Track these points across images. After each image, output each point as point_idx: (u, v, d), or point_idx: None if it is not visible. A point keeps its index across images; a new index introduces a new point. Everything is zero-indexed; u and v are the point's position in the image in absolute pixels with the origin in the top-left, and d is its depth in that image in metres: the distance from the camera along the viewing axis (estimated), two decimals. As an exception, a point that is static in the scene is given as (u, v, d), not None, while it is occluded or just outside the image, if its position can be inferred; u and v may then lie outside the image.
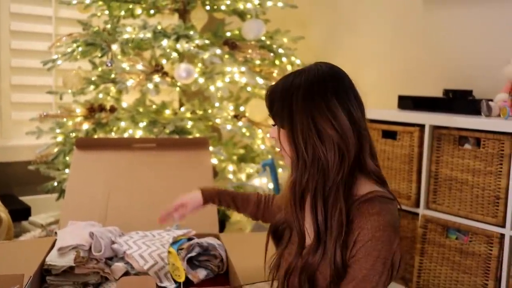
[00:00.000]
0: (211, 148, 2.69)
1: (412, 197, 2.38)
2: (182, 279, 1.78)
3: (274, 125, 1.27)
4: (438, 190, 2.30)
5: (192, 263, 1.86)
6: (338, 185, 1.17)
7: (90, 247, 1.75)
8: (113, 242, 1.83)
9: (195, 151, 2.43)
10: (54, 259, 1.69)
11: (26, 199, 3.37)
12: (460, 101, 2.40)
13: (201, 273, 1.84)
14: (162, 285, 1.74)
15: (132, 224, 2.05)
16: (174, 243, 1.94)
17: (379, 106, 2.80)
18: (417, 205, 2.38)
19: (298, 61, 2.95)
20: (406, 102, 2.59)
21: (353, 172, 1.20)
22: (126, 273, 1.77)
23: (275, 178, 2.68)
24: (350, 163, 1.18)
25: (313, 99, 1.18)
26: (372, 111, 2.61)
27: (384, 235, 1.13)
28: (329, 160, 1.17)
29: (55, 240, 1.85)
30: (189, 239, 2.04)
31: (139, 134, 2.71)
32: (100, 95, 2.91)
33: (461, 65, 2.69)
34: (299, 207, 1.22)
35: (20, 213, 3.22)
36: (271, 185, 2.74)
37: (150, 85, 2.69)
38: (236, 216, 2.84)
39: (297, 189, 1.21)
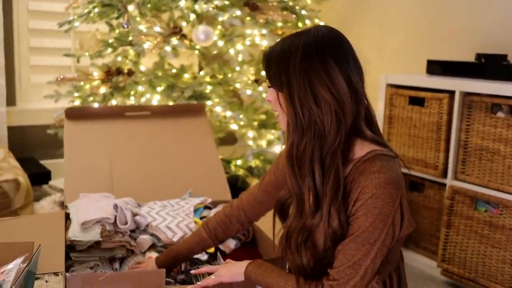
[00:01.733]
0: (230, 113, 2.61)
1: (440, 167, 2.29)
2: (212, 249, 1.74)
3: (270, 87, 1.23)
4: (467, 160, 2.20)
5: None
6: (335, 149, 1.14)
7: (115, 220, 1.70)
8: (135, 214, 1.78)
9: (192, 118, 2.36)
10: (78, 235, 1.65)
11: (46, 162, 3.36)
12: (493, 66, 2.27)
13: (231, 243, 1.81)
14: (194, 256, 1.69)
15: (142, 195, 2.01)
16: (194, 211, 1.89)
17: (406, 71, 2.68)
18: (444, 175, 2.29)
19: (321, 23, 2.82)
20: (435, 67, 2.46)
21: (350, 137, 1.17)
22: (153, 246, 1.73)
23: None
24: (347, 128, 1.15)
25: (311, 62, 1.14)
26: (399, 77, 2.49)
27: (385, 192, 1.10)
28: (326, 125, 1.13)
29: (68, 214, 1.81)
30: (206, 207, 1.99)
31: (156, 98, 2.65)
32: (119, 58, 2.83)
33: (495, 28, 2.53)
34: (297, 171, 1.18)
35: (40, 177, 3.21)
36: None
37: (168, 48, 2.60)
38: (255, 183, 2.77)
39: (294, 153, 1.18)
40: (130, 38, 2.73)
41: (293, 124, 1.17)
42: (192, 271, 1.60)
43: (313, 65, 1.13)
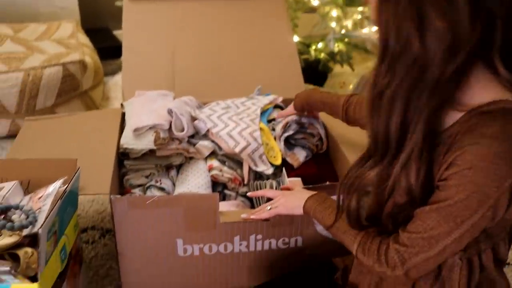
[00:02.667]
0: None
1: None
2: (278, 162, 1.56)
3: None
4: None
5: (288, 142, 1.61)
6: (436, 86, 0.80)
7: (170, 126, 1.53)
8: (194, 119, 1.60)
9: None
10: (131, 142, 1.49)
11: (120, 33, 3.20)
12: None
13: (301, 155, 1.60)
14: (258, 169, 1.54)
15: (205, 92, 1.81)
16: (262, 114, 1.68)
17: None
18: None
19: None
20: None
21: (471, 70, 0.82)
22: (214, 153, 1.56)
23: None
24: (462, 62, 0.79)
25: None
26: None
27: (492, 168, 0.78)
28: (429, 57, 0.79)
29: (123, 114, 1.66)
30: (276, 106, 1.76)
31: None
32: None
33: None
34: (376, 106, 0.87)
35: (114, 50, 3.08)
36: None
37: None
38: (338, 68, 2.47)
39: (377, 86, 0.85)
40: None
41: (382, 46, 0.84)
42: (249, 194, 1.44)
43: None
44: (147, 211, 1.29)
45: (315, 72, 2.43)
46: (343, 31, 2.22)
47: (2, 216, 1.10)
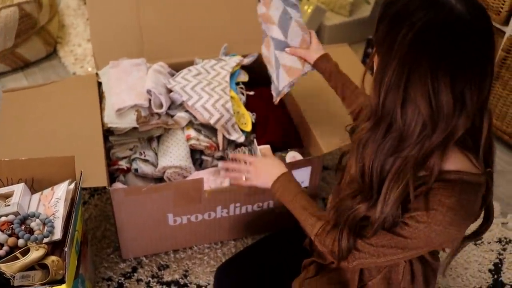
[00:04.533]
0: None
1: (503, 14, 2.03)
2: (248, 128, 1.73)
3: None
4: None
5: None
6: (408, 160, 0.96)
7: (150, 104, 1.65)
8: (169, 91, 1.71)
9: None
10: (114, 121, 1.62)
11: None
12: None
13: None
14: (232, 137, 1.70)
15: (174, 52, 1.89)
16: (231, 78, 1.81)
17: None
18: (506, 23, 2.05)
19: None
20: None
21: (446, 145, 0.96)
22: (190, 122, 1.71)
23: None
24: (433, 144, 0.94)
25: (421, 54, 0.88)
26: None
27: (444, 232, 0.97)
28: (406, 130, 0.93)
29: (100, 84, 1.75)
30: (243, 67, 1.89)
31: None
32: None
33: None
34: (360, 154, 1.03)
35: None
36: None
37: None
38: None
39: (362, 139, 1.01)
40: None
41: (373, 106, 0.97)
42: (231, 155, 1.62)
43: (421, 59, 0.88)
44: (142, 197, 1.48)
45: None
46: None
47: (23, 227, 1.27)
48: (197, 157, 1.74)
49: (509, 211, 1.95)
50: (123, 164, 1.66)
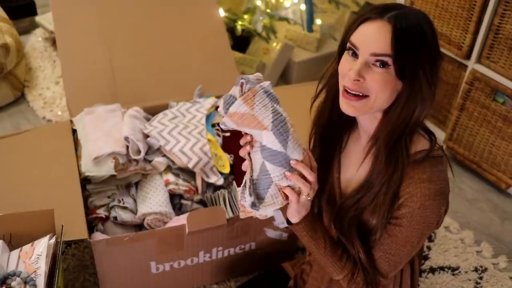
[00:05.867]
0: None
1: (464, 48, 2.13)
2: (227, 170, 1.74)
3: (381, 65, 1.02)
4: (495, 47, 2.03)
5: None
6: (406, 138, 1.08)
7: (127, 151, 1.65)
8: (146, 136, 1.71)
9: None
10: (92, 169, 1.60)
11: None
12: None
13: None
14: (210, 180, 1.70)
15: (148, 96, 1.89)
16: (207, 120, 1.82)
17: None
18: (467, 57, 2.14)
19: None
20: None
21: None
22: (168, 167, 1.71)
23: (310, 9, 2.34)
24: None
25: (437, 52, 1.05)
26: None
27: (434, 204, 1.07)
28: (414, 117, 1.06)
29: (75, 131, 1.73)
30: (218, 107, 1.90)
31: None
32: None
33: None
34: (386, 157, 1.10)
35: (25, 9, 2.93)
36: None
37: None
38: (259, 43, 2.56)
39: (390, 137, 1.08)
40: None
41: (388, 109, 1.07)
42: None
43: (437, 63, 1.04)
44: (124, 246, 1.46)
45: (237, 38, 2.52)
46: (268, 10, 2.31)
47: (4, 287, 1.23)
48: (176, 201, 1.74)
49: (483, 239, 2.00)
50: (102, 212, 1.64)
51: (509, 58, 2.00)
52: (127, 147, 1.65)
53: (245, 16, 2.39)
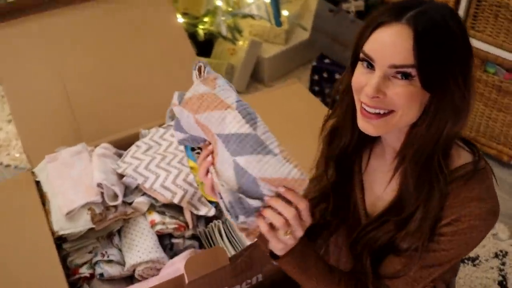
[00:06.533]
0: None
1: None
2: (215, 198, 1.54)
3: (403, 77, 0.85)
4: (480, 16, 1.90)
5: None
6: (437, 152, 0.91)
7: (103, 198, 1.45)
8: (121, 176, 1.51)
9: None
10: (66, 226, 1.40)
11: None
12: None
13: None
14: (200, 213, 1.52)
15: (114, 127, 1.69)
16: (185, 145, 1.62)
17: None
18: None
19: None
20: None
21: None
22: (151, 205, 1.51)
23: (275, 1, 2.15)
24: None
25: (469, 52, 0.88)
26: None
27: (483, 224, 0.92)
28: (446, 132, 0.89)
29: (38, 182, 1.52)
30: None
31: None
32: None
33: None
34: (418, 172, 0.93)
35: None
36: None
37: None
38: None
39: (420, 154, 0.91)
40: None
41: (414, 127, 0.91)
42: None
43: (470, 64, 0.88)
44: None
45: (199, 43, 2.33)
46: (230, 9, 2.12)
47: None
48: (166, 242, 1.55)
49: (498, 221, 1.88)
50: (85, 271, 1.44)
51: (496, 25, 1.87)
52: (102, 193, 1.45)
53: (205, 19, 2.19)
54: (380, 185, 1.05)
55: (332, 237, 1.18)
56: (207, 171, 0.91)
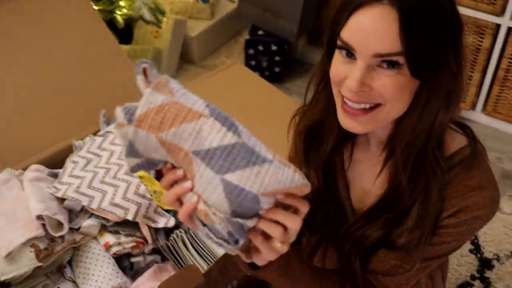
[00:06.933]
0: None
1: (498, 2, 1.84)
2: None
3: (390, 66, 0.74)
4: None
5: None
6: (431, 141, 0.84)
7: (45, 230, 1.26)
8: (62, 200, 1.32)
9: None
10: (7, 270, 1.21)
11: None
12: None
13: None
14: (159, 225, 1.36)
15: (42, 143, 1.48)
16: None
17: None
18: (502, 13, 1.85)
19: None
20: None
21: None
22: (103, 227, 1.34)
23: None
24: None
25: (460, 35, 0.78)
26: None
27: (486, 214, 0.88)
28: (439, 119, 0.81)
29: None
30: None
31: None
32: None
33: None
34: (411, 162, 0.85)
35: None
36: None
37: None
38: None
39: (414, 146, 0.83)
40: None
41: (405, 115, 0.81)
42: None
43: (460, 33, 0.78)
44: None
45: (117, 30, 2.11)
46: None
47: None
48: (125, 263, 1.39)
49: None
50: (38, 314, 1.27)
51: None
52: (44, 225, 1.26)
53: (122, 3, 1.97)
54: (367, 179, 0.95)
55: (318, 237, 1.08)
56: (178, 199, 0.76)
